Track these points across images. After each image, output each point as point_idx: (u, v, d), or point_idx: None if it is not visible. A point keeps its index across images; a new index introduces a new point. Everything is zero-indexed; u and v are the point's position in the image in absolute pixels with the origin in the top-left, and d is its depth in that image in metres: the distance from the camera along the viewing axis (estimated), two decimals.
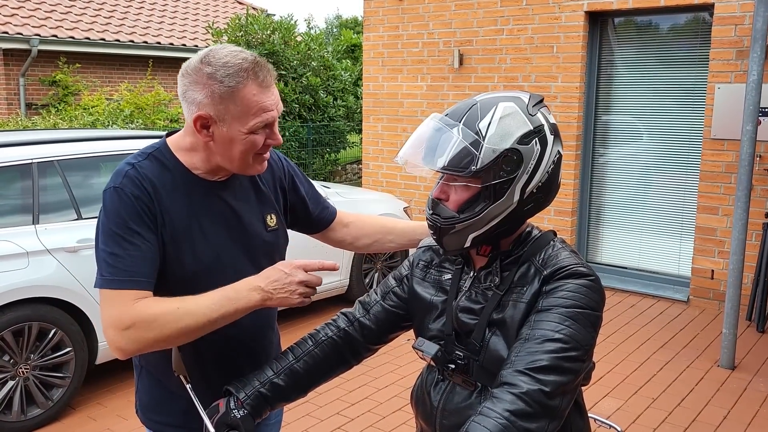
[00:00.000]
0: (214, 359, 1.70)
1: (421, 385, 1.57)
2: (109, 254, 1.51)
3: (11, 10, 11.79)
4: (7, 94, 11.71)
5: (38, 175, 3.97)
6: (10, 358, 3.70)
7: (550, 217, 6.68)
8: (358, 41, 14.53)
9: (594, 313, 1.32)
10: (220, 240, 1.65)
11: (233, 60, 1.52)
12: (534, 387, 1.23)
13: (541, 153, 1.37)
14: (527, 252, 1.42)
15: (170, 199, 1.59)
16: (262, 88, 1.54)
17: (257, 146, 1.57)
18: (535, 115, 1.39)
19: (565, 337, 1.27)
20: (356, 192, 6.50)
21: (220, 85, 1.50)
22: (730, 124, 5.58)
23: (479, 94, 1.46)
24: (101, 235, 1.54)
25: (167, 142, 1.66)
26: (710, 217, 5.86)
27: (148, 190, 1.56)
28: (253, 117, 1.53)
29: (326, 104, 10.81)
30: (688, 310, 5.85)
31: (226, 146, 1.56)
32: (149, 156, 1.63)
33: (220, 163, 1.61)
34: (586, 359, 1.31)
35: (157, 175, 1.59)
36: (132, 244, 1.51)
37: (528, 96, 1.43)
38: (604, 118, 6.66)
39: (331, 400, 4.17)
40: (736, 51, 5.59)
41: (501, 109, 1.36)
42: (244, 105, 1.52)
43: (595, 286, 1.35)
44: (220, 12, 15.64)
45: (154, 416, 1.77)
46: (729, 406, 4.10)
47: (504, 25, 6.91)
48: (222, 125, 1.53)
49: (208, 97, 1.51)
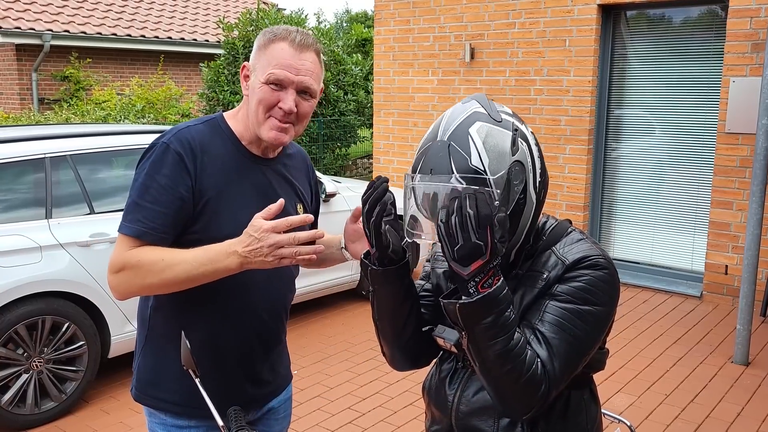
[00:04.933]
0: (230, 352, 1.71)
1: (435, 375, 1.57)
2: (132, 202, 1.61)
3: (24, 6, 11.85)
4: (20, 89, 11.78)
5: (51, 170, 3.99)
6: (24, 351, 3.73)
7: (562, 212, 6.64)
8: (369, 35, 14.50)
9: (604, 309, 1.35)
10: (257, 210, 1.65)
11: (286, 28, 1.69)
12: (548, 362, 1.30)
13: (528, 147, 1.38)
14: (545, 242, 1.44)
15: (214, 164, 1.66)
16: (292, 48, 1.63)
17: (268, 100, 1.63)
18: (501, 119, 1.37)
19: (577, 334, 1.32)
20: None
21: (262, 38, 1.67)
22: (745, 118, 5.52)
23: (436, 128, 1.37)
24: (134, 183, 1.63)
25: (223, 114, 1.76)
26: (724, 212, 5.81)
27: (195, 152, 1.63)
28: (272, 68, 1.62)
29: (337, 99, 10.79)
30: (702, 306, 5.81)
31: (251, 98, 1.66)
32: (205, 122, 1.72)
33: (249, 124, 1.69)
34: (588, 352, 1.36)
35: (208, 139, 1.68)
36: (155, 198, 1.59)
37: (478, 103, 1.39)
38: (616, 112, 6.61)
39: (342, 395, 4.17)
40: (751, 44, 5.53)
41: (476, 135, 1.32)
42: (271, 56, 1.63)
43: (611, 279, 1.37)
44: (231, 7, 15.64)
45: (154, 392, 1.74)
46: (743, 403, 4.07)
47: (516, 19, 6.86)
48: (253, 75, 1.67)
49: (255, 51, 1.68)
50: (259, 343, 1.77)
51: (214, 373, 1.67)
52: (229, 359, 1.72)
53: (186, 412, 1.72)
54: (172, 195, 1.59)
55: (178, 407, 1.72)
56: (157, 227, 1.59)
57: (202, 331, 1.68)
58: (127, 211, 1.61)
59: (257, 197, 1.70)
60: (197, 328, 1.67)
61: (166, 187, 1.59)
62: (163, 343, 1.73)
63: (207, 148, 1.65)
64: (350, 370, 4.54)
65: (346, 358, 4.72)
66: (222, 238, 1.59)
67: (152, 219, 1.58)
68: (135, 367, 1.81)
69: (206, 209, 1.63)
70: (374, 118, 8.25)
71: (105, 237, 3.99)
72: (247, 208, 1.65)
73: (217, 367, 1.70)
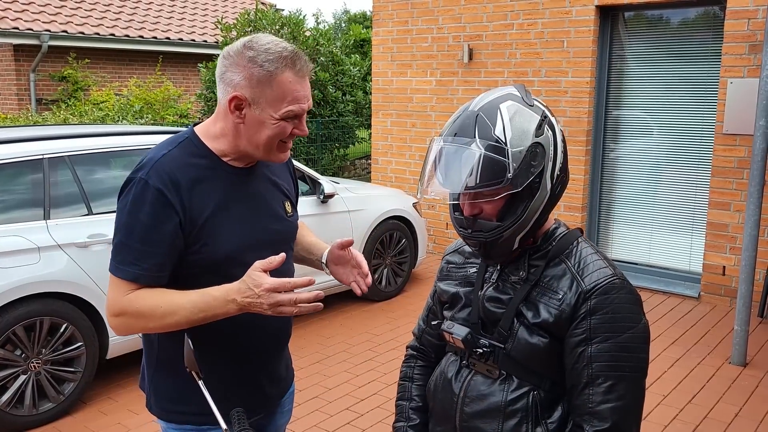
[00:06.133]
0: (247, 356, 1.74)
1: (440, 376, 1.58)
2: (119, 243, 1.59)
3: (22, 6, 11.83)
4: (18, 90, 11.76)
5: (49, 171, 3.98)
6: (21, 352, 3.72)
7: (560, 213, 6.65)
8: (367, 36, 14.49)
9: (640, 326, 1.39)
10: (251, 224, 1.70)
11: (275, 48, 1.58)
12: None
13: (554, 136, 1.40)
14: (555, 248, 1.45)
15: (199, 188, 1.63)
16: (298, 77, 1.60)
17: (285, 134, 1.63)
18: (534, 104, 1.42)
19: (627, 374, 1.36)
20: (365, 188, 6.49)
21: (259, 69, 1.56)
22: (743, 119, 5.53)
23: (470, 102, 1.44)
24: (118, 223, 1.60)
25: (195, 130, 1.70)
26: (722, 213, 5.82)
27: (177, 183, 1.59)
28: (287, 104, 1.59)
29: (335, 99, 10.78)
30: (699, 307, 5.82)
31: (255, 130, 1.61)
32: (179, 144, 1.67)
33: (246, 148, 1.65)
34: (646, 371, 1.40)
35: (186, 165, 1.63)
36: (143, 238, 1.56)
37: (515, 88, 1.45)
38: (614, 113, 6.62)
39: (341, 396, 4.17)
40: (749, 45, 5.54)
41: (506, 111, 1.37)
42: (280, 90, 1.58)
43: (633, 297, 1.41)
44: (229, 7, 15.64)
45: (176, 407, 1.75)
46: (741, 404, 4.07)
47: (514, 20, 6.87)
48: (255, 108, 1.59)
49: (246, 79, 1.57)
50: (273, 342, 1.80)
51: (234, 378, 1.70)
52: (247, 363, 1.74)
53: (210, 420, 1.73)
54: (160, 233, 1.57)
55: (203, 416, 1.73)
56: (150, 268, 1.58)
57: (217, 339, 1.69)
58: (116, 252, 1.59)
59: (250, 209, 1.71)
60: (211, 338, 1.68)
61: (151, 227, 1.57)
62: (175, 362, 1.72)
63: (188, 175, 1.62)
64: (349, 371, 4.54)
65: (344, 359, 4.72)
66: (222, 257, 1.62)
67: (144, 260, 1.57)
68: (150, 385, 1.80)
69: (202, 234, 1.62)
70: (372, 119, 8.25)
71: (103, 238, 3.98)
72: (241, 223, 1.67)
73: (236, 372, 1.72)
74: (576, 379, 1.38)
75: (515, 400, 1.42)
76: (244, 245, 1.67)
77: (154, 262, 1.58)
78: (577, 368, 1.38)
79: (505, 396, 1.43)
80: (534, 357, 1.41)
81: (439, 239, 7.56)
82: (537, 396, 1.41)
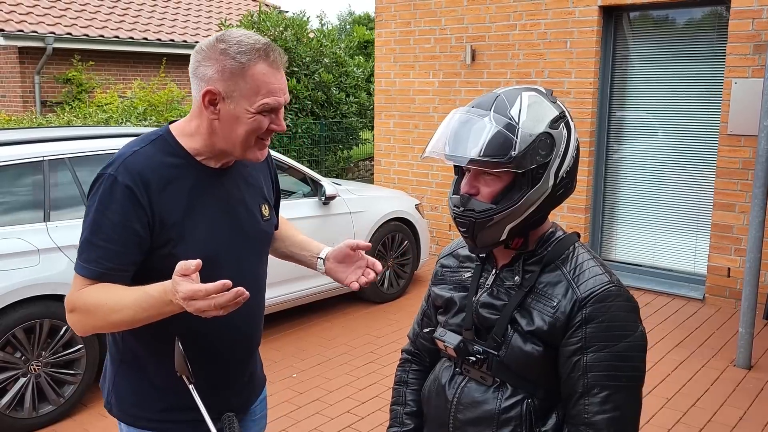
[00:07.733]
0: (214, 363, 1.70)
1: (434, 382, 1.56)
2: (85, 240, 1.56)
3: (27, 9, 11.88)
4: (23, 92, 11.80)
5: (49, 173, 3.98)
6: (21, 355, 3.72)
7: (564, 214, 6.62)
8: (371, 37, 14.49)
9: (637, 334, 1.36)
10: (224, 227, 1.65)
11: (247, 40, 1.55)
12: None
13: (568, 137, 1.39)
14: (550, 253, 1.42)
15: (170, 188, 1.58)
16: (272, 69, 1.56)
17: (261, 128, 1.58)
18: (556, 102, 1.42)
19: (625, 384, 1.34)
20: (368, 189, 6.48)
21: (232, 60, 1.52)
22: (748, 120, 5.50)
23: (495, 89, 1.47)
24: (85, 218, 1.57)
25: (170, 128, 1.66)
26: (727, 214, 5.78)
27: (147, 181, 1.55)
28: (262, 96, 1.55)
29: (339, 101, 10.78)
30: (704, 309, 5.78)
31: (231, 125, 1.56)
32: (152, 142, 1.62)
33: (222, 146, 1.60)
34: (643, 379, 1.39)
35: (159, 163, 1.58)
36: (108, 236, 1.53)
37: (542, 88, 1.46)
38: (618, 114, 6.59)
39: (341, 398, 4.15)
40: (754, 45, 5.50)
41: (526, 98, 1.38)
42: (254, 83, 1.53)
43: (629, 305, 1.38)
44: (233, 9, 15.66)
45: (135, 411, 1.71)
46: (745, 407, 4.03)
47: (517, 21, 6.85)
48: (229, 102, 1.54)
49: (218, 72, 1.52)
50: (242, 350, 1.76)
51: (201, 386, 1.63)
52: (214, 370, 1.70)
53: (168, 428, 1.70)
54: (126, 232, 1.53)
55: (167, 423, 1.70)
56: (114, 267, 1.53)
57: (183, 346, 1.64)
58: (82, 250, 1.55)
59: (221, 211, 1.66)
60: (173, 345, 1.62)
61: (118, 225, 1.52)
62: (141, 362, 1.69)
63: (160, 173, 1.57)
64: (350, 374, 4.52)
65: (345, 362, 4.70)
66: (193, 259, 1.50)
67: (108, 259, 1.53)
68: (111, 383, 1.76)
69: (172, 234, 1.57)
70: (375, 121, 8.24)
71: None
72: (213, 225, 1.63)
73: (203, 380, 1.66)
74: (571, 388, 1.36)
75: (509, 408, 1.40)
76: (216, 248, 1.63)
77: (119, 261, 1.53)
78: (572, 378, 1.35)
79: (498, 404, 1.41)
80: (528, 365, 1.39)
81: (441, 241, 7.53)
82: (531, 404, 1.39)
